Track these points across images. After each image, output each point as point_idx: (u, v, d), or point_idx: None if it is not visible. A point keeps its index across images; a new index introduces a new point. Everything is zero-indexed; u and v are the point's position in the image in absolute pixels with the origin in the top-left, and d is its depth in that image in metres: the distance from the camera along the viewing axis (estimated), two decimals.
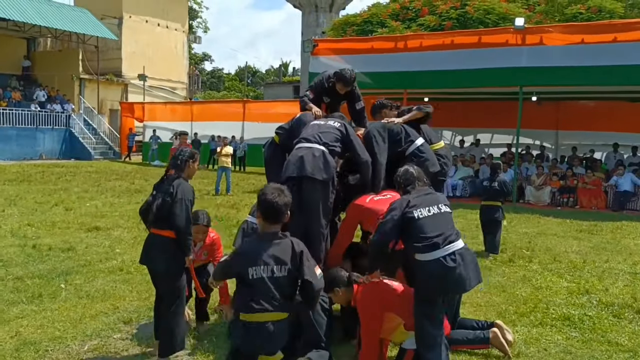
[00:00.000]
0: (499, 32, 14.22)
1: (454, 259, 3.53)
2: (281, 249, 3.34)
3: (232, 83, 59.28)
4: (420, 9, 20.28)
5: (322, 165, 4.34)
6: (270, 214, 3.45)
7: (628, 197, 14.07)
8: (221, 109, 26.20)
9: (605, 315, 5.37)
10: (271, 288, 3.31)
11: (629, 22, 13.87)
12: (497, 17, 19.06)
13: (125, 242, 8.47)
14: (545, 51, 13.13)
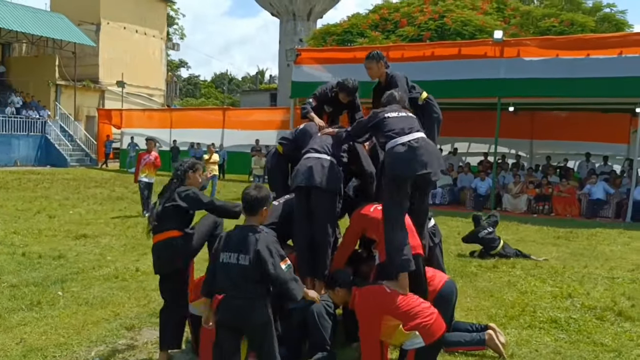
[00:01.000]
0: (478, 44, 14.66)
1: (417, 141, 4.17)
2: (249, 240, 3.50)
3: (209, 90, 59.10)
4: (399, 20, 20.69)
5: (330, 176, 4.47)
6: (245, 207, 3.69)
7: (600, 205, 14.57)
8: (200, 117, 26.20)
9: (589, 317, 5.65)
10: (234, 273, 3.51)
11: (601, 37, 14.43)
12: (474, 28, 19.59)
13: (116, 250, 8.51)
14: (522, 63, 13.59)
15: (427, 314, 3.90)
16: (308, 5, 35.68)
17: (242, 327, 3.61)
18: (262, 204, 3.69)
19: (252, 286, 3.52)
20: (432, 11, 19.96)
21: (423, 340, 3.85)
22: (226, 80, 59.12)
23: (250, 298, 3.52)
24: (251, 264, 3.48)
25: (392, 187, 4.19)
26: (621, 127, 18.13)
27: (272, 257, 3.50)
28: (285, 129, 22.17)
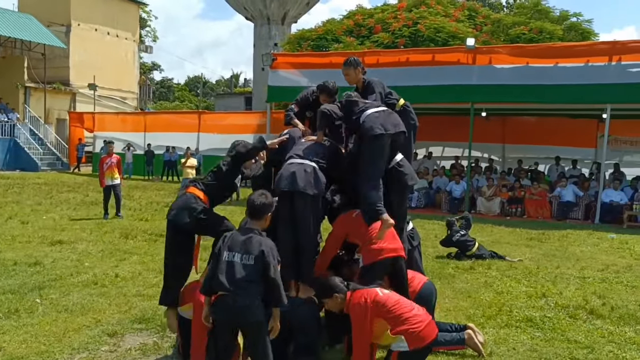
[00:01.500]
0: (452, 51, 14.94)
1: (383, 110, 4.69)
2: (254, 242, 3.71)
3: (183, 93, 58.68)
4: (374, 26, 20.92)
5: (313, 181, 4.54)
6: (251, 212, 3.90)
7: (570, 207, 14.97)
8: (175, 120, 26.05)
9: (562, 316, 5.85)
10: (237, 272, 3.66)
11: (569, 45, 14.85)
12: (447, 35, 19.94)
13: (93, 256, 8.42)
14: (494, 70, 13.91)
15: (416, 321, 3.99)
16: (282, 9, 35.74)
17: (241, 325, 3.75)
18: (267, 210, 3.94)
19: (253, 286, 3.66)
20: (406, 18, 20.27)
21: (407, 345, 3.94)
22: (200, 84, 58.78)
23: (250, 297, 3.64)
24: (256, 264, 3.66)
25: (370, 147, 4.54)
26: (589, 131, 18.68)
27: (273, 259, 3.70)
28: (262, 132, 22.21)
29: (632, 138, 18.19)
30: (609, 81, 13.17)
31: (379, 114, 4.69)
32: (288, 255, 4.52)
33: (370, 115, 4.66)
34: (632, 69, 13.09)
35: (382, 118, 4.65)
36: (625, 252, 10.06)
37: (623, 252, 9.99)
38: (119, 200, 12.72)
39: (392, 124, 4.64)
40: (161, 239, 9.92)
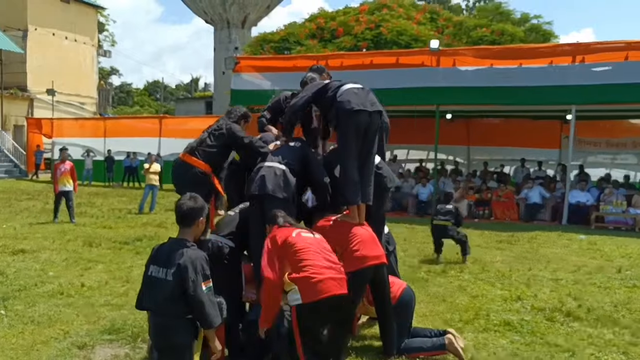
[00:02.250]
0: (416, 53, 14.91)
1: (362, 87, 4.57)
2: (176, 255, 3.34)
3: (142, 98, 57.61)
4: (336, 29, 20.85)
5: (282, 184, 4.43)
6: (180, 218, 3.52)
7: (537, 208, 15.08)
8: (136, 125, 25.45)
9: (539, 319, 5.76)
10: (156, 290, 3.35)
11: (532, 47, 14.98)
12: (410, 38, 20.02)
13: (57, 265, 8.09)
14: (459, 72, 13.92)
15: (314, 271, 3.73)
16: (242, 13, 35.52)
17: (160, 347, 3.41)
18: (198, 215, 3.52)
19: (174, 305, 3.31)
20: (368, 20, 20.27)
21: (301, 296, 3.71)
22: (160, 88, 57.87)
23: (171, 317, 3.33)
24: (174, 279, 3.29)
25: (347, 124, 4.41)
26: (553, 133, 18.90)
27: (195, 274, 3.29)
28: None
29: (594, 139, 18.51)
30: (573, 82, 13.31)
31: (357, 90, 4.55)
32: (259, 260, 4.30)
33: (348, 90, 4.52)
34: (595, 69, 13.25)
35: (361, 95, 4.51)
36: (596, 253, 10.12)
37: (593, 253, 10.04)
38: (71, 208, 12.56)
39: (370, 102, 4.49)
40: (126, 246, 9.63)
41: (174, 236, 3.56)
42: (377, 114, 4.52)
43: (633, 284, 7.54)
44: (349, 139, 4.43)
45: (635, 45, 13.45)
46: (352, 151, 4.43)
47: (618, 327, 5.54)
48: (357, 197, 4.41)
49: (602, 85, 13.13)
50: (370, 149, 4.55)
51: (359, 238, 4.31)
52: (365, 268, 4.20)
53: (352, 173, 4.41)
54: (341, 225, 4.43)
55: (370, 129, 4.48)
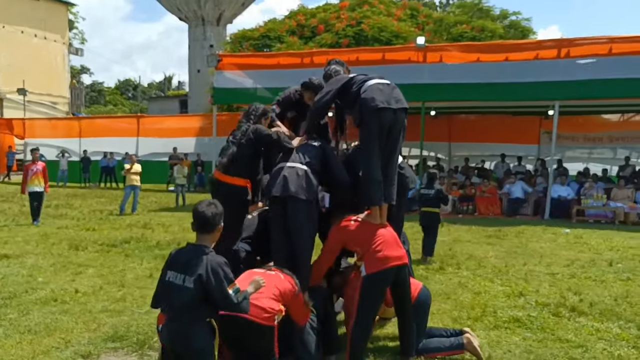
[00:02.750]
0: (402, 49, 14.91)
1: (387, 83, 4.42)
2: (197, 262, 3.30)
3: (114, 97, 56.55)
4: (317, 26, 20.74)
5: (305, 185, 4.32)
6: (199, 224, 3.44)
7: (520, 203, 15.27)
8: (113, 125, 24.91)
9: (546, 315, 5.78)
10: (174, 296, 3.31)
11: (517, 43, 15.14)
12: (390, 34, 20.01)
13: (45, 270, 7.80)
14: (445, 69, 13.97)
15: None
16: (217, 10, 35.10)
17: (179, 352, 3.34)
18: (218, 222, 3.45)
19: (193, 311, 3.29)
20: (349, 17, 20.21)
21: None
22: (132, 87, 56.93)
23: (189, 323, 3.29)
24: (195, 287, 3.25)
25: (371, 121, 4.24)
26: (532, 129, 19.24)
27: (218, 281, 3.28)
28: (205, 135, 21.63)
29: (572, 134, 18.84)
30: (557, 78, 13.50)
31: (383, 86, 4.38)
32: (282, 264, 4.30)
33: (374, 86, 4.37)
34: (579, 66, 13.47)
35: (386, 91, 4.34)
36: (583, 246, 10.27)
37: (581, 247, 10.18)
38: (39, 209, 12.48)
39: (395, 99, 4.33)
40: (114, 249, 9.42)
41: (160, 239, 3.57)
42: (402, 112, 4.36)
43: (627, 277, 7.66)
44: (372, 137, 4.27)
45: (617, 40, 13.71)
46: (376, 150, 4.28)
47: (622, 321, 5.60)
48: (380, 198, 4.30)
49: (585, 81, 13.35)
50: (394, 147, 4.41)
51: (382, 239, 4.22)
52: (388, 269, 4.13)
53: (375, 172, 4.28)
54: (363, 225, 4.34)
55: (394, 127, 4.32)
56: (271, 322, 3.69)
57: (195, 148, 21.53)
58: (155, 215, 14.30)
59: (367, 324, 4.25)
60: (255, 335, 3.67)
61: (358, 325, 4.19)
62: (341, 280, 4.81)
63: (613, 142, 19.41)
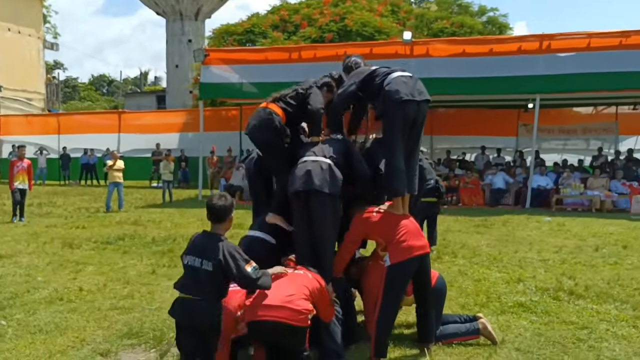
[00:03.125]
0: (389, 44, 15.15)
1: (410, 76, 4.47)
2: (212, 247, 3.63)
3: (89, 93, 55.63)
4: (300, 22, 20.87)
5: (329, 178, 4.35)
6: (212, 216, 3.79)
7: (502, 193, 15.75)
8: (93, 121, 24.71)
9: (547, 299, 6.05)
10: (194, 277, 3.63)
11: (500, 38, 15.53)
12: (373, 29, 20.25)
13: (43, 269, 7.75)
14: (431, 63, 14.27)
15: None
16: (195, 4, 34.84)
17: (194, 325, 3.64)
18: (229, 213, 3.80)
19: (214, 288, 3.62)
20: (333, 13, 20.39)
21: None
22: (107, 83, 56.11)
23: (208, 299, 3.59)
24: (214, 270, 3.57)
25: (395, 114, 4.31)
26: (510, 121, 19.79)
27: (235, 262, 3.60)
28: (189, 131, 21.61)
29: (548, 127, 19.39)
30: (539, 72, 13.94)
31: (406, 79, 4.43)
32: (307, 259, 4.37)
33: (397, 78, 4.41)
34: (559, 60, 13.93)
35: (409, 83, 4.39)
36: (567, 233, 10.66)
37: (565, 234, 10.58)
38: (23, 206, 12.61)
39: (418, 91, 4.39)
40: (109, 246, 9.42)
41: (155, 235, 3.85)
42: (424, 104, 4.43)
43: (614, 262, 8.03)
44: (396, 129, 4.33)
45: (595, 35, 14.22)
46: (399, 142, 4.34)
47: (618, 303, 5.89)
48: (404, 189, 4.38)
49: (565, 75, 13.82)
50: (417, 139, 4.50)
51: (405, 229, 4.34)
52: (412, 258, 4.26)
53: (399, 164, 4.35)
54: (386, 216, 4.44)
55: (417, 119, 4.39)
56: (306, 322, 3.81)
57: (179, 144, 21.48)
58: (143, 211, 14.30)
59: (392, 313, 4.39)
60: (291, 336, 3.82)
61: (383, 314, 4.30)
62: (357, 271, 4.92)
63: (586, 134, 20.13)
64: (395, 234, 4.32)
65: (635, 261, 8.06)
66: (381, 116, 4.52)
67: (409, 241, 4.30)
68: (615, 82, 14.16)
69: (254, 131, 4.73)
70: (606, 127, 19.85)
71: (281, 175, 4.74)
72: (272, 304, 3.76)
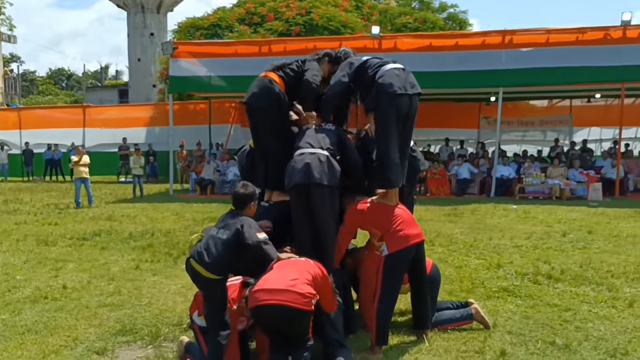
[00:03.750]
0: (358, 38, 15.39)
1: (402, 68, 4.61)
2: (233, 221, 4.05)
3: (48, 87, 53.98)
4: (266, 14, 20.88)
5: (327, 170, 4.40)
6: (236, 202, 4.21)
7: (467, 183, 16.26)
8: (56, 115, 24.05)
9: (528, 283, 6.34)
10: (210, 243, 3.99)
11: (466, 33, 15.97)
12: (339, 24, 20.46)
13: (20, 267, 7.62)
14: (399, 58, 14.51)
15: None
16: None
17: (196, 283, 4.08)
18: (251, 200, 4.22)
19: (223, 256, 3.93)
20: (299, 7, 20.49)
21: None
22: (66, 77, 54.58)
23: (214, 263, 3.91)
24: (231, 237, 3.96)
25: (389, 107, 4.40)
26: (472, 114, 20.44)
27: (249, 230, 4.00)
28: (157, 125, 21.35)
29: (507, 119, 20.01)
30: (502, 67, 14.44)
31: (399, 71, 4.51)
32: (307, 251, 4.40)
33: (390, 71, 4.49)
34: (521, 55, 14.47)
35: (402, 76, 4.48)
36: (533, 220, 11.13)
37: (532, 221, 11.02)
38: None
39: (410, 84, 4.48)
40: (86, 242, 9.33)
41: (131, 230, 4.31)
42: (416, 97, 4.53)
43: (583, 246, 8.44)
44: (390, 122, 4.39)
45: (554, 31, 14.82)
46: (394, 134, 4.41)
47: (594, 285, 6.23)
48: (399, 180, 4.48)
49: (527, 69, 14.38)
50: (410, 131, 4.60)
51: (400, 218, 4.49)
52: (409, 246, 4.42)
53: (394, 156, 4.43)
54: (381, 207, 4.57)
55: (410, 112, 4.48)
56: (310, 306, 3.86)
57: (146, 138, 21.21)
58: (115, 207, 14.15)
59: (392, 300, 4.52)
60: (295, 320, 3.86)
61: (383, 302, 4.43)
62: (352, 262, 5.05)
63: (543, 126, 21.00)
64: (391, 224, 4.46)
65: (601, 245, 8.49)
66: (374, 108, 4.56)
67: (405, 230, 4.45)
68: (572, 76, 14.84)
69: (254, 99, 4.75)
70: (561, 119, 20.83)
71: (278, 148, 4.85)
72: (277, 287, 3.82)
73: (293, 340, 3.96)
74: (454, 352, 4.47)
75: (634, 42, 14.35)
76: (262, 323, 4.03)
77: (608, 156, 17.11)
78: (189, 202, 14.83)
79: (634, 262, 7.32)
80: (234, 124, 20.41)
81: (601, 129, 20.64)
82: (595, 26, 14.79)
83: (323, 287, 4.08)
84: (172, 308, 5.70)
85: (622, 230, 9.69)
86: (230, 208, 4.23)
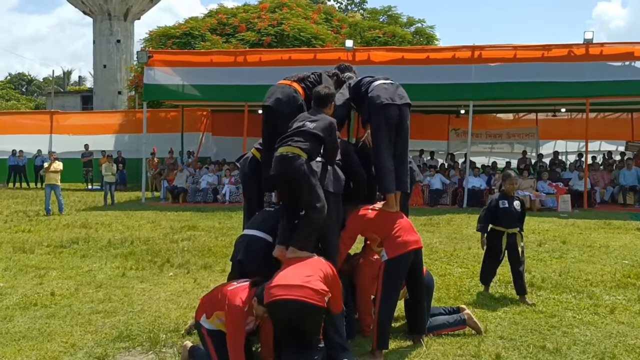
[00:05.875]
0: (332, 51, 15.63)
1: (391, 83, 4.95)
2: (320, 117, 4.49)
3: (7, 91, 52.46)
4: (238, 25, 20.98)
5: (333, 179, 4.59)
6: (317, 101, 4.63)
7: (440, 194, 16.54)
8: (21, 121, 23.57)
9: (512, 291, 6.45)
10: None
11: (437, 48, 16.40)
12: (310, 35, 20.70)
13: (1, 275, 7.49)
14: (372, 70, 14.80)
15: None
16: (124, 5, 33.92)
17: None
18: (330, 99, 4.67)
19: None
20: (270, 18, 20.65)
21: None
22: (26, 82, 53.19)
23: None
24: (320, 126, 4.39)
25: (378, 117, 4.70)
26: (442, 126, 20.92)
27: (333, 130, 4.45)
28: (126, 132, 21.11)
29: (476, 131, 20.55)
30: (472, 81, 14.90)
31: (387, 85, 4.87)
32: None
33: (379, 86, 4.83)
34: (489, 70, 14.99)
35: (390, 89, 4.82)
36: None
37: None
38: None
39: (398, 96, 4.80)
40: (65, 250, 9.21)
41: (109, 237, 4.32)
42: (406, 107, 4.83)
43: (559, 255, 8.74)
44: (381, 131, 4.69)
45: (520, 48, 15.39)
46: (385, 142, 4.69)
47: (575, 292, 6.49)
48: (393, 185, 4.71)
49: (495, 83, 14.91)
50: (406, 139, 4.87)
51: (400, 225, 4.67)
52: (408, 252, 4.59)
53: (386, 162, 4.68)
54: (381, 214, 4.75)
55: (401, 120, 4.77)
56: (324, 303, 3.96)
57: (115, 145, 20.93)
58: (88, 214, 13.94)
59: (392, 305, 4.67)
60: (309, 316, 3.94)
61: (383, 306, 4.58)
62: (349, 268, 5.16)
63: (510, 138, 21.61)
64: (391, 230, 4.65)
65: (577, 255, 8.81)
66: (367, 121, 4.94)
67: (404, 236, 4.63)
68: (538, 91, 15.43)
69: (278, 104, 4.87)
70: (528, 132, 21.50)
71: None
72: (293, 283, 3.91)
73: (305, 340, 4.02)
74: (451, 356, 4.62)
75: (596, 60, 15.01)
76: (277, 318, 4.04)
77: (575, 169, 17.67)
78: (162, 210, 14.70)
79: (610, 271, 7.64)
80: (205, 132, 20.42)
81: (566, 142, 21.40)
82: (560, 43, 15.39)
83: (334, 286, 4.18)
84: (166, 315, 5.70)
85: (595, 241, 10.05)
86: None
